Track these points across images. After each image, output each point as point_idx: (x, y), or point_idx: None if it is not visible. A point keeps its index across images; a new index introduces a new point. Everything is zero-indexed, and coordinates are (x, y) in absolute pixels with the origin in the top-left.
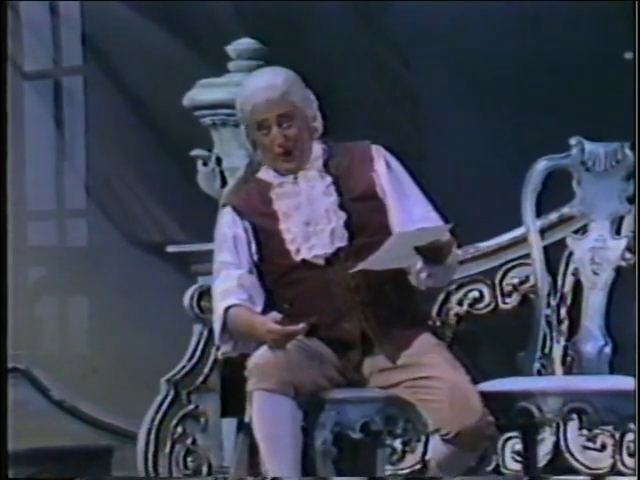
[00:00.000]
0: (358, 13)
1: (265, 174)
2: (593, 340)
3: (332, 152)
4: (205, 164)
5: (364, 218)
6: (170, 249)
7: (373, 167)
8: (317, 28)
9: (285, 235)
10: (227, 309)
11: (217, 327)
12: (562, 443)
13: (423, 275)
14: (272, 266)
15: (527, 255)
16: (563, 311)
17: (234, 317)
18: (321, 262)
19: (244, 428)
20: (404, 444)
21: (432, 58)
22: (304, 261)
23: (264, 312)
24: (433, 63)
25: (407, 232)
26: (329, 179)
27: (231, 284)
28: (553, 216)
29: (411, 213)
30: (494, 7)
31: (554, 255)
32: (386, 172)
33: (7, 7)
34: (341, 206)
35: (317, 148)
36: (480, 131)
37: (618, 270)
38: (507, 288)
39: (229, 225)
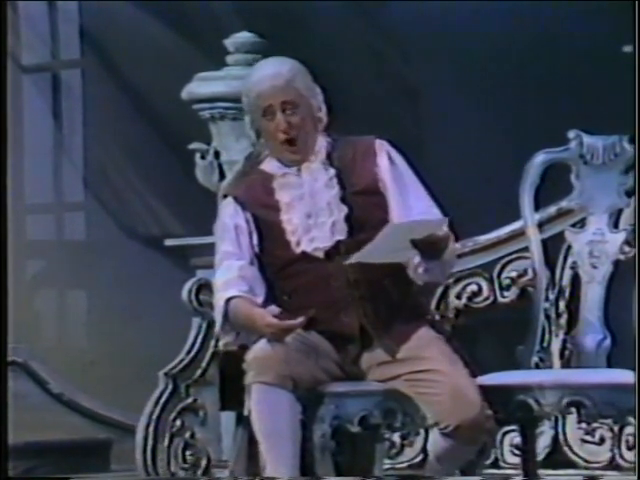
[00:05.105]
0: (357, 8)
1: (268, 165)
2: (592, 333)
3: (336, 145)
4: (203, 157)
5: (365, 212)
6: (168, 242)
7: (376, 162)
8: (316, 21)
9: (286, 226)
10: (228, 300)
11: (218, 318)
12: (561, 436)
13: (420, 270)
14: (272, 258)
15: (525, 248)
16: (562, 304)
17: (235, 308)
18: (321, 255)
19: (243, 421)
20: (403, 438)
21: (431, 53)
22: (304, 254)
23: (265, 303)
24: (432, 58)
25: (401, 223)
26: (332, 172)
27: (232, 275)
28: (551, 209)
29: (412, 208)
30: (492, 2)
31: (552, 248)
32: (388, 167)
33: (6, 4)
34: (343, 199)
35: (321, 140)
36: (479, 125)
37: (616, 264)
38: (505, 282)
39: (231, 216)
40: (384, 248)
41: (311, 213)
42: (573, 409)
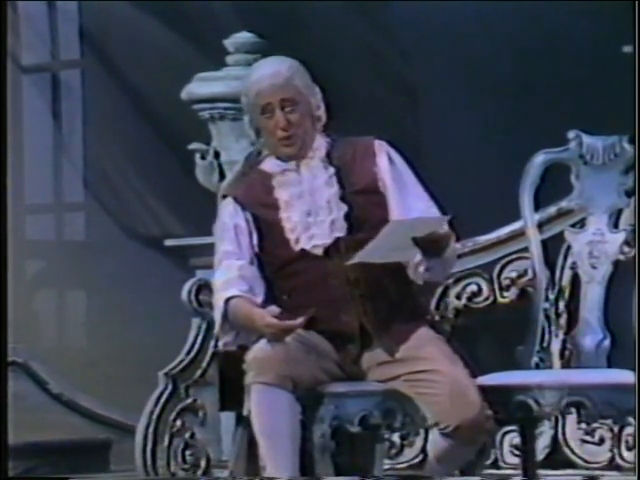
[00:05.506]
0: (357, 8)
1: (267, 165)
2: (591, 334)
3: (335, 145)
4: (203, 157)
5: (365, 212)
6: (168, 243)
7: (375, 162)
8: (316, 22)
9: (285, 224)
10: (228, 300)
11: (218, 318)
12: (560, 437)
13: (421, 269)
14: (272, 257)
15: (525, 249)
16: (561, 305)
17: (234, 308)
18: (320, 252)
19: (243, 422)
20: (402, 438)
21: (431, 53)
22: (303, 252)
23: (265, 302)
24: (432, 58)
25: (403, 220)
26: (332, 170)
27: (232, 275)
28: (551, 210)
29: (411, 208)
30: (493, 3)
31: (552, 249)
32: (388, 167)
33: (6, 4)
34: (342, 198)
35: (320, 139)
36: (479, 125)
37: (616, 264)
38: (505, 282)
39: (231, 215)
40: (386, 246)
41: (310, 211)
42: (573, 409)
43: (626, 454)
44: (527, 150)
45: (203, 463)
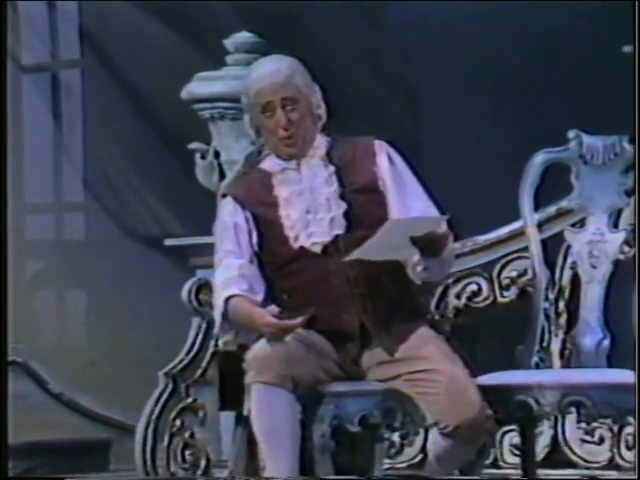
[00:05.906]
0: (357, 8)
1: (267, 164)
2: (591, 333)
3: (335, 144)
4: (203, 157)
5: (364, 210)
6: (168, 242)
7: (375, 161)
8: (316, 22)
9: (284, 221)
10: (228, 299)
11: (217, 317)
12: (560, 436)
13: (419, 268)
14: (271, 256)
15: (525, 248)
16: (561, 304)
17: (234, 307)
18: (318, 250)
19: (243, 421)
20: (402, 437)
21: (431, 53)
22: (303, 250)
23: (265, 301)
24: (432, 57)
25: (401, 219)
26: (332, 169)
27: (232, 274)
28: (551, 209)
29: (411, 208)
30: (492, 3)
31: (552, 248)
32: (388, 167)
33: (6, 4)
34: (342, 196)
35: (320, 138)
36: (478, 125)
37: (616, 263)
38: (505, 281)
39: (230, 214)
40: (384, 245)
41: (310, 209)
42: (573, 409)
43: (626, 454)
44: (527, 150)
45: (203, 463)
